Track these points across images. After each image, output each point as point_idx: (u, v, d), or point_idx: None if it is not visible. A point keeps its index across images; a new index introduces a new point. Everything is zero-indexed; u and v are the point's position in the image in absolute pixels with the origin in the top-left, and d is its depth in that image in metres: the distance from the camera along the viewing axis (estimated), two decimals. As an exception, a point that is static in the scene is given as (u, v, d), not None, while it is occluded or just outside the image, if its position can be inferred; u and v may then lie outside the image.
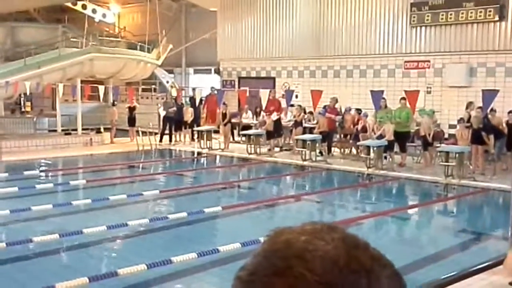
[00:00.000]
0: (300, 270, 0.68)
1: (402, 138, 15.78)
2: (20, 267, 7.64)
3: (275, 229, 0.77)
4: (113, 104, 22.16)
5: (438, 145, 15.47)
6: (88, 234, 8.59)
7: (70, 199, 11.33)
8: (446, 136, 16.44)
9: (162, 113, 21.04)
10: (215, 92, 20.74)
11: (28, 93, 21.73)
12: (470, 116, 14.93)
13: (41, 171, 15.24)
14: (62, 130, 21.64)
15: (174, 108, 20.69)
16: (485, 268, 6.93)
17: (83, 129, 21.72)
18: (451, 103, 17.30)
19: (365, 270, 0.69)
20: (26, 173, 14.34)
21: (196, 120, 21.11)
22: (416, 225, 11.50)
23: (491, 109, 14.82)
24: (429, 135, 15.27)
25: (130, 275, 6.78)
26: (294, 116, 18.57)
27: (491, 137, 14.01)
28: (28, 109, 26.98)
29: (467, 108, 15.82)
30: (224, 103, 20.05)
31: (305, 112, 18.56)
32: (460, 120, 14.88)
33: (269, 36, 22.44)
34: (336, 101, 17.93)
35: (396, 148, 16.27)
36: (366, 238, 0.76)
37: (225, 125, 19.97)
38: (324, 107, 17.80)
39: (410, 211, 12.09)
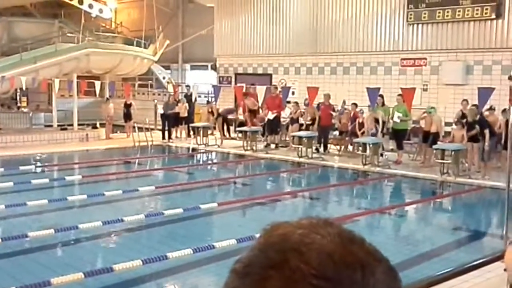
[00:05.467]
0: (296, 263, 0.68)
1: (399, 136, 15.78)
2: (15, 262, 7.64)
3: (271, 223, 0.77)
4: (107, 100, 22.09)
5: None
6: (83, 229, 8.58)
7: (66, 194, 11.33)
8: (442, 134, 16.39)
9: (161, 111, 20.97)
10: (275, 92, 18.71)
11: (24, 88, 21.65)
12: (462, 113, 14.85)
13: (36, 166, 15.20)
14: (58, 125, 21.58)
15: (175, 110, 20.58)
16: (480, 265, 6.96)
17: (79, 125, 21.66)
18: (447, 101, 17.30)
19: (360, 265, 0.69)
20: (21, 168, 14.30)
21: (190, 117, 21.05)
22: (411, 222, 11.51)
23: (490, 107, 14.76)
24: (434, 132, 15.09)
25: (125, 271, 6.78)
26: (291, 113, 18.56)
27: (486, 131, 13.78)
28: (24, 104, 26.87)
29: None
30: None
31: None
32: (457, 122, 14.77)
33: (266, 33, 22.41)
34: (329, 96, 17.86)
35: (393, 145, 16.30)
36: (362, 234, 0.76)
37: (216, 119, 19.90)
38: (318, 104, 17.76)
39: (405, 208, 12.07)
